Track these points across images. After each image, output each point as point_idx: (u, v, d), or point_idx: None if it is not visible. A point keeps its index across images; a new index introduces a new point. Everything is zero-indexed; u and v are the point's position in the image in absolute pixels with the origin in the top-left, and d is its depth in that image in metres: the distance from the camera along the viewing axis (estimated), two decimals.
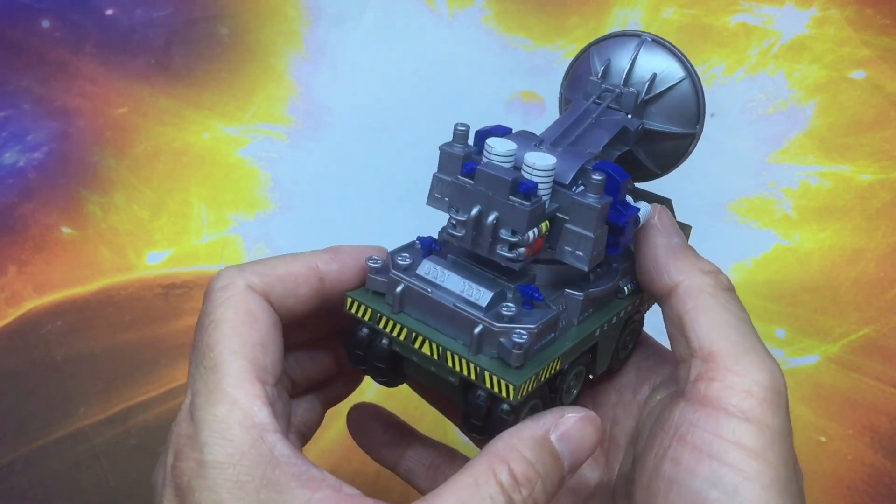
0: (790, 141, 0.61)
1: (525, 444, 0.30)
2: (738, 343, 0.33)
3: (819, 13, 0.60)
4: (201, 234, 0.60)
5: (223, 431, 0.29)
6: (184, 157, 0.61)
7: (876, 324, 0.60)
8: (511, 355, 0.31)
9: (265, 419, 0.29)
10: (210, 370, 0.30)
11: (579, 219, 0.32)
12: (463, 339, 0.32)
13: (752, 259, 0.60)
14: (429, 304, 0.32)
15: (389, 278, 0.33)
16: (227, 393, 0.30)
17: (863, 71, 0.60)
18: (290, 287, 0.34)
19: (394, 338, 0.32)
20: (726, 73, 0.61)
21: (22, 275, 0.60)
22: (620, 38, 0.37)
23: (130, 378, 0.60)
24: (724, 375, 0.32)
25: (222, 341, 0.31)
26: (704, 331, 0.33)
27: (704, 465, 0.31)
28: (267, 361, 0.31)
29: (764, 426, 0.31)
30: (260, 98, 0.61)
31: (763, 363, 0.32)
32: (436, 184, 0.34)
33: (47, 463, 0.59)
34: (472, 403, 0.31)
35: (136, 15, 0.60)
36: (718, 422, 0.31)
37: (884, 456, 0.59)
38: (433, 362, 0.32)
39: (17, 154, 0.60)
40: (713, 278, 0.35)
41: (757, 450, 0.31)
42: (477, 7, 0.61)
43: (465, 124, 0.34)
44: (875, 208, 0.60)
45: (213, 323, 0.32)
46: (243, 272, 0.34)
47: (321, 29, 0.61)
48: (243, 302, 0.32)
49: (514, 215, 0.31)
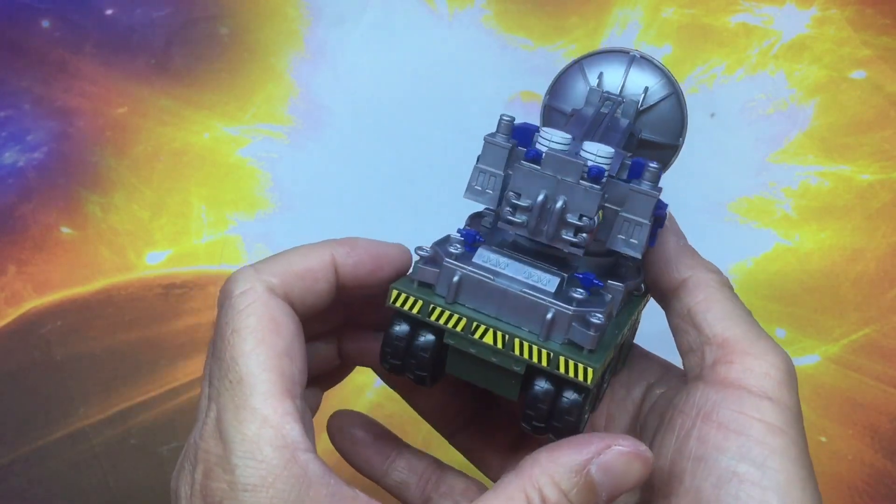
0: (790, 141, 0.61)
1: (562, 473, 0.29)
2: (750, 331, 0.34)
3: (819, 13, 0.60)
4: (201, 234, 0.60)
5: (255, 452, 0.28)
6: (184, 157, 0.61)
7: (876, 324, 0.60)
8: (587, 338, 0.30)
9: (297, 437, 0.29)
10: (237, 384, 0.29)
11: (636, 207, 0.32)
12: (529, 325, 0.31)
13: (752, 259, 0.60)
14: (489, 292, 0.31)
15: (445, 267, 0.31)
16: (256, 410, 0.29)
17: (863, 71, 0.60)
18: (310, 284, 0.34)
19: (449, 330, 0.31)
20: (726, 73, 0.61)
21: (22, 275, 0.60)
22: (610, 53, 0.39)
23: (130, 378, 0.60)
24: (742, 358, 0.33)
25: (247, 353, 0.30)
26: (717, 319, 0.35)
27: (732, 440, 0.31)
28: (294, 371, 0.31)
29: (784, 405, 0.32)
30: (260, 98, 0.61)
31: (776, 348, 0.34)
32: (476, 175, 0.34)
33: (47, 463, 0.59)
34: (536, 395, 0.31)
35: (136, 15, 0.60)
36: (741, 400, 0.32)
37: (884, 456, 0.59)
38: (496, 352, 0.31)
39: (16, 154, 0.60)
40: (718, 275, 0.37)
41: (781, 426, 0.32)
42: (477, 7, 0.61)
43: (511, 115, 0.34)
44: (875, 208, 0.60)
45: (236, 333, 0.31)
46: (261, 273, 0.33)
47: (321, 29, 0.61)
48: (266, 308, 0.31)
49: (584, 199, 0.31)
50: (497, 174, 0.33)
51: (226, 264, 0.60)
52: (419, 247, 0.33)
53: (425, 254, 0.32)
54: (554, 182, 0.31)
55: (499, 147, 0.33)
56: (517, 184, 0.31)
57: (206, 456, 0.29)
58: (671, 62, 0.61)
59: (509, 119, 0.34)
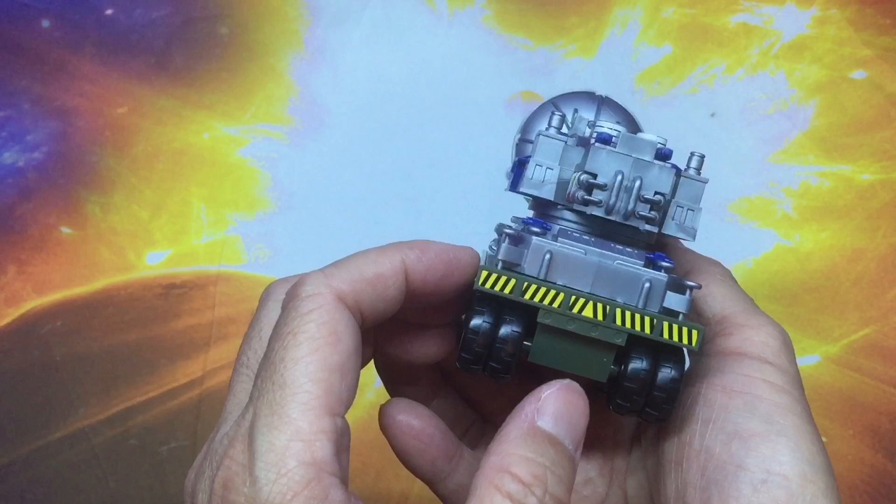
0: (790, 141, 0.61)
1: (516, 443, 0.28)
2: (748, 308, 0.35)
3: (819, 13, 0.60)
4: (201, 234, 0.60)
5: (279, 465, 0.26)
6: (183, 156, 0.61)
7: (876, 324, 0.60)
8: (683, 302, 0.31)
9: (326, 457, 0.27)
10: (279, 388, 0.28)
11: (687, 193, 0.34)
12: (625, 297, 0.32)
13: (752, 259, 0.60)
14: (582, 267, 0.32)
15: (535, 244, 0.32)
16: (291, 420, 0.27)
17: (863, 71, 0.60)
18: (380, 291, 0.32)
19: (545, 307, 0.31)
20: (726, 73, 0.61)
21: (21, 275, 0.60)
22: (578, 94, 0.41)
23: (130, 378, 0.60)
24: (740, 330, 0.34)
25: (298, 359, 0.28)
26: (716, 302, 0.36)
27: (738, 399, 0.32)
28: (342, 389, 0.29)
29: (784, 369, 0.33)
30: (260, 98, 0.61)
31: (772, 322, 0.35)
32: (533, 169, 0.34)
33: (47, 463, 0.59)
34: (634, 371, 0.31)
35: (135, 15, 0.60)
36: (743, 364, 0.33)
37: (884, 456, 0.58)
38: (596, 325, 0.31)
39: (16, 154, 0.60)
40: (720, 268, 0.38)
41: (784, 386, 0.32)
42: (477, 7, 0.61)
43: (562, 111, 0.36)
44: (875, 208, 0.60)
45: (293, 334, 0.29)
46: (330, 279, 0.31)
47: (321, 29, 0.61)
48: (329, 317, 0.29)
49: (660, 176, 0.33)
50: (553, 166, 0.34)
51: (225, 264, 0.60)
52: (502, 224, 0.33)
53: (511, 231, 0.32)
54: (629, 161, 0.32)
55: (555, 141, 0.34)
56: (594, 165, 0.33)
57: (230, 463, 0.27)
58: (671, 62, 0.61)
59: (561, 114, 0.35)
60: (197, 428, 0.59)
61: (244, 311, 0.60)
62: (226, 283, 0.60)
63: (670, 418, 0.33)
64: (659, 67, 0.61)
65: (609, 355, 0.32)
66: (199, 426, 0.59)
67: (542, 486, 0.27)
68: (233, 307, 0.60)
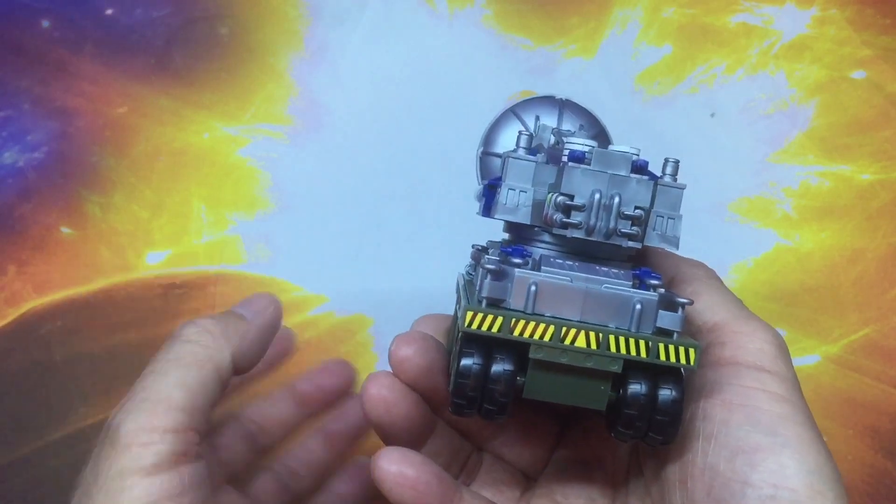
0: (790, 141, 0.61)
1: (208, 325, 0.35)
2: (739, 313, 0.34)
3: (819, 13, 0.60)
4: (201, 234, 0.60)
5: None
6: (183, 157, 0.60)
7: (876, 324, 0.60)
8: (676, 320, 0.30)
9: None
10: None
11: (666, 201, 0.33)
12: (616, 321, 0.31)
13: (752, 259, 0.60)
14: (569, 295, 0.31)
15: (518, 277, 0.31)
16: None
17: (863, 71, 0.60)
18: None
19: (536, 342, 0.30)
20: (726, 72, 0.61)
21: (21, 275, 0.60)
22: (538, 100, 0.41)
23: (130, 378, 0.59)
24: (733, 338, 0.33)
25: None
26: (706, 307, 0.35)
27: (738, 413, 0.31)
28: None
29: (782, 376, 0.32)
30: (259, 98, 0.61)
31: (766, 326, 0.34)
32: (506, 193, 0.33)
33: (47, 463, 0.59)
34: (632, 396, 0.30)
35: (136, 15, 0.60)
36: (740, 374, 0.32)
37: (884, 456, 0.58)
38: (590, 355, 0.30)
39: (16, 154, 0.60)
40: (704, 269, 0.37)
41: (783, 394, 0.31)
42: (477, 7, 0.61)
43: (529, 130, 0.35)
44: (875, 208, 0.60)
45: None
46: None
47: (321, 29, 0.61)
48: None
49: (638, 190, 0.31)
50: (526, 189, 0.33)
51: (225, 264, 0.60)
52: (487, 259, 0.31)
53: (493, 268, 0.31)
54: (605, 178, 0.31)
55: (525, 162, 0.33)
56: (569, 186, 0.31)
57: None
58: (671, 62, 0.61)
59: (528, 134, 0.34)
60: None
61: None
62: (226, 284, 0.60)
63: (675, 440, 0.32)
64: (659, 67, 0.61)
65: (606, 383, 0.31)
66: None
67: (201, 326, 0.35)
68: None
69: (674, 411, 0.31)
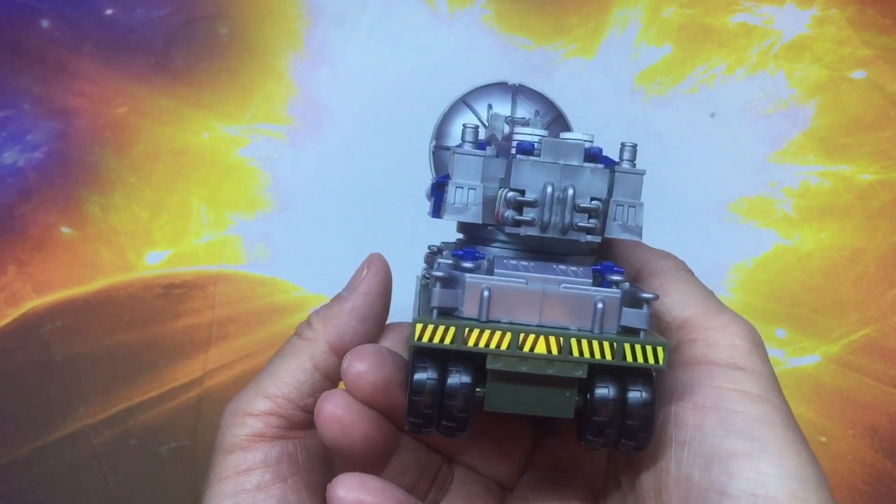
0: (790, 141, 0.61)
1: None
2: (709, 307, 0.32)
3: (819, 13, 0.60)
4: (201, 234, 0.60)
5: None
6: (183, 157, 0.60)
7: (876, 324, 0.60)
8: (643, 317, 0.28)
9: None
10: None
11: (625, 189, 0.31)
12: (578, 323, 0.28)
13: (752, 259, 0.60)
14: (525, 299, 0.29)
15: (469, 284, 0.28)
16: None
17: (863, 71, 0.60)
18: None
19: (493, 352, 0.28)
20: (726, 73, 0.61)
21: (21, 275, 0.60)
22: (490, 87, 0.39)
23: (130, 378, 0.60)
24: (703, 334, 0.31)
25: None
26: (674, 303, 0.33)
27: (711, 416, 0.29)
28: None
29: (758, 373, 0.30)
30: (260, 98, 0.61)
31: (738, 320, 0.32)
32: (454, 192, 0.31)
33: (47, 463, 0.59)
34: (600, 400, 0.28)
35: (135, 15, 0.60)
36: (712, 375, 0.30)
37: (884, 456, 0.58)
38: (551, 361, 0.28)
39: (16, 154, 0.60)
40: (673, 261, 0.35)
41: (759, 393, 0.29)
42: (477, 7, 0.61)
43: (474, 123, 0.32)
44: (875, 208, 0.60)
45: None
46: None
47: (321, 29, 0.61)
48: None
49: (592, 180, 0.29)
50: (475, 186, 0.31)
51: (225, 264, 0.60)
52: (437, 264, 0.30)
53: (441, 275, 0.28)
54: (556, 170, 0.29)
55: (472, 157, 0.31)
56: (518, 180, 0.29)
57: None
58: (671, 62, 0.61)
59: (473, 127, 0.32)
60: (197, 428, 0.59)
61: (244, 311, 0.60)
62: (226, 284, 0.60)
63: (649, 446, 0.30)
64: (659, 67, 0.61)
65: (571, 390, 0.29)
66: (199, 426, 0.59)
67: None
68: (233, 307, 0.60)
69: (645, 415, 0.28)
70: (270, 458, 0.33)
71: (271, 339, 0.60)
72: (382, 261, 0.37)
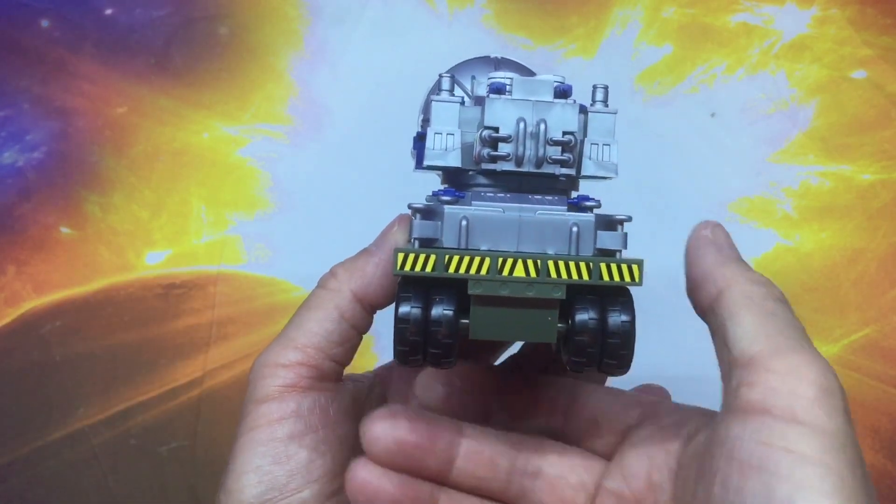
0: (791, 141, 0.61)
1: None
2: (783, 343, 0.28)
3: (820, 13, 0.60)
4: (201, 234, 0.60)
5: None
6: (183, 156, 0.60)
7: (877, 324, 0.60)
8: (618, 238, 0.29)
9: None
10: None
11: (598, 128, 0.32)
12: (554, 247, 0.30)
13: (752, 259, 0.60)
14: (502, 226, 0.30)
15: (448, 214, 0.30)
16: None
17: (864, 71, 0.60)
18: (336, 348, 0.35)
19: (473, 277, 0.29)
20: (727, 72, 0.61)
21: (21, 275, 0.60)
22: (474, 61, 0.40)
23: (130, 378, 0.60)
24: (765, 377, 0.28)
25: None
26: (746, 335, 0.29)
27: (753, 480, 0.26)
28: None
29: (818, 429, 0.26)
30: (259, 98, 0.61)
31: (811, 362, 0.28)
32: (433, 139, 0.32)
33: (46, 463, 0.59)
34: (580, 323, 0.29)
35: (135, 15, 0.60)
36: (763, 428, 0.27)
37: (885, 457, 0.58)
38: (531, 284, 0.29)
39: (16, 154, 0.60)
40: (763, 287, 0.31)
41: (812, 455, 0.26)
42: (477, 7, 0.61)
43: (449, 72, 0.34)
44: (876, 208, 0.60)
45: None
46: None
47: (321, 29, 0.61)
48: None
49: (563, 114, 0.31)
50: (453, 131, 0.32)
51: (225, 264, 0.60)
52: (411, 203, 0.31)
53: (421, 206, 0.30)
54: (528, 106, 0.31)
55: (448, 104, 0.32)
56: (492, 118, 0.31)
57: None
58: (671, 62, 0.61)
59: (448, 75, 0.33)
60: (197, 428, 0.59)
61: (244, 311, 0.60)
62: (226, 284, 0.60)
63: (630, 365, 0.30)
64: (659, 67, 0.61)
65: (553, 313, 0.30)
66: (199, 426, 0.59)
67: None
68: (233, 307, 0.60)
69: (624, 332, 0.29)
70: (303, 408, 0.33)
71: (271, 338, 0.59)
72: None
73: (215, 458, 0.59)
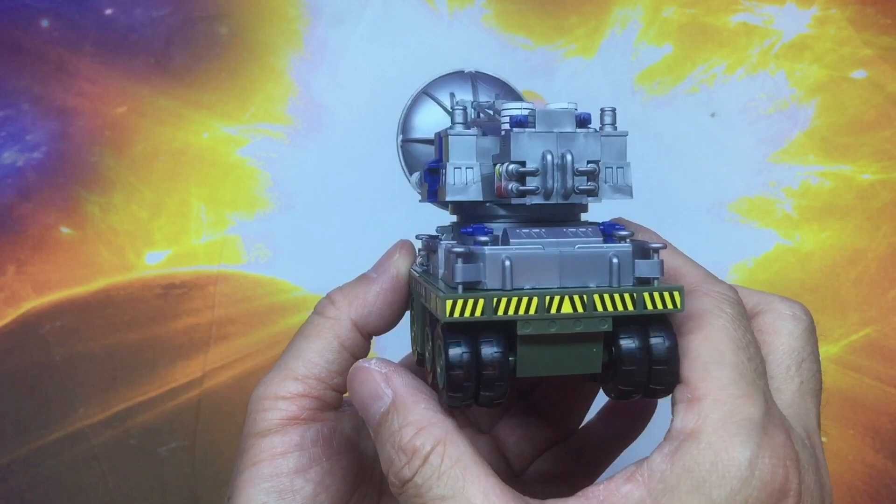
0: (791, 141, 0.61)
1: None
2: (724, 377, 0.30)
3: (820, 13, 0.60)
4: (200, 235, 0.60)
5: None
6: (183, 156, 0.60)
7: (877, 324, 0.60)
8: (655, 266, 0.30)
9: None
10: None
11: (612, 151, 0.32)
12: (596, 280, 0.30)
13: (752, 259, 0.60)
14: (544, 263, 0.30)
15: (489, 256, 0.29)
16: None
17: (864, 70, 0.60)
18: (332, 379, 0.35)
19: (522, 317, 0.29)
20: (727, 72, 0.61)
21: (21, 275, 0.60)
22: (448, 77, 0.40)
23: (130, 378, 0.60)
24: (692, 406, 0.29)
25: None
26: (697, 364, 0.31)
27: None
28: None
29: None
30: (259, 98, 0.61)
31: (744, 398, 0.29)
32: (452, 173, 0.32)
33: (46, 463, 0.59)
34: (627, 351, 0.30)
35: (135, 14, 0.60)
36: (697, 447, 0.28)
37: (885, 456, 0.58)
38: (579, 319, 0.29)
39: (15, 154, 0.60)
40: (716, 299, 0.32)
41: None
42: (477, 7, 0.61)
43: (463, 103, 0.34)
44: (876, 208, 0.60)
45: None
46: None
47: (321, 29, 0.61)
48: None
49: (587, 145, 0.31)
50: (472, 165, 0.32)
51: (225, 264, 0.60)
52: (451, 246, 0.31)
53: (462, 250, 0.30)
54: (552, 138, 0.31)
55: (466, 138, 0.32)
56: (518, 151, 0.31)
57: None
58: (671, 62, 0.61)
59: (462, 108, 0.33)
60: (196, 428, 0.59)
61: (244, 311, 0.60)
62: (225, 283, 0.60)
63: (674, 388, 0.30)
64: (659, 67, 0.61)
65: (598, 345, 0.30)
66: (199, 426, 0.59)
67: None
68: (232, 307, 0.60)
69: (670, 358, 0.30)
70: (306, 440, 0.33)
71: (271, 339, 0.60)
72: (412, 248, 0.37)
73: (215, 458, 0.59)
